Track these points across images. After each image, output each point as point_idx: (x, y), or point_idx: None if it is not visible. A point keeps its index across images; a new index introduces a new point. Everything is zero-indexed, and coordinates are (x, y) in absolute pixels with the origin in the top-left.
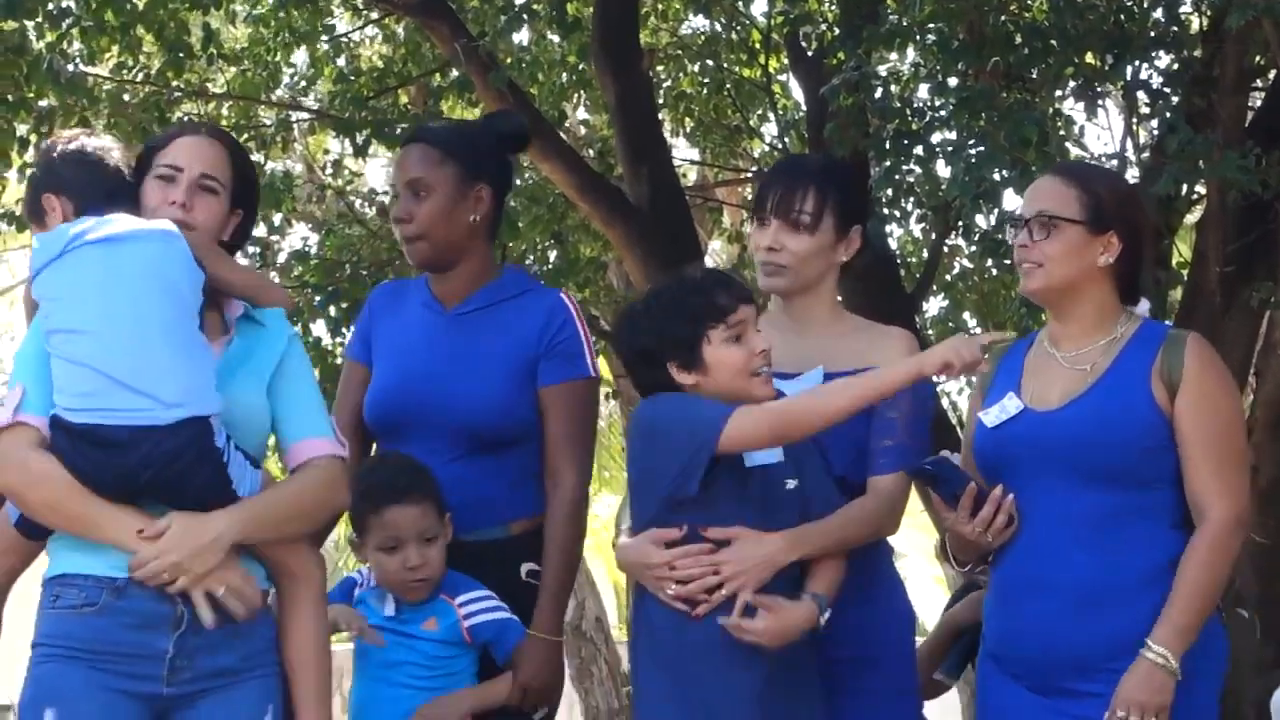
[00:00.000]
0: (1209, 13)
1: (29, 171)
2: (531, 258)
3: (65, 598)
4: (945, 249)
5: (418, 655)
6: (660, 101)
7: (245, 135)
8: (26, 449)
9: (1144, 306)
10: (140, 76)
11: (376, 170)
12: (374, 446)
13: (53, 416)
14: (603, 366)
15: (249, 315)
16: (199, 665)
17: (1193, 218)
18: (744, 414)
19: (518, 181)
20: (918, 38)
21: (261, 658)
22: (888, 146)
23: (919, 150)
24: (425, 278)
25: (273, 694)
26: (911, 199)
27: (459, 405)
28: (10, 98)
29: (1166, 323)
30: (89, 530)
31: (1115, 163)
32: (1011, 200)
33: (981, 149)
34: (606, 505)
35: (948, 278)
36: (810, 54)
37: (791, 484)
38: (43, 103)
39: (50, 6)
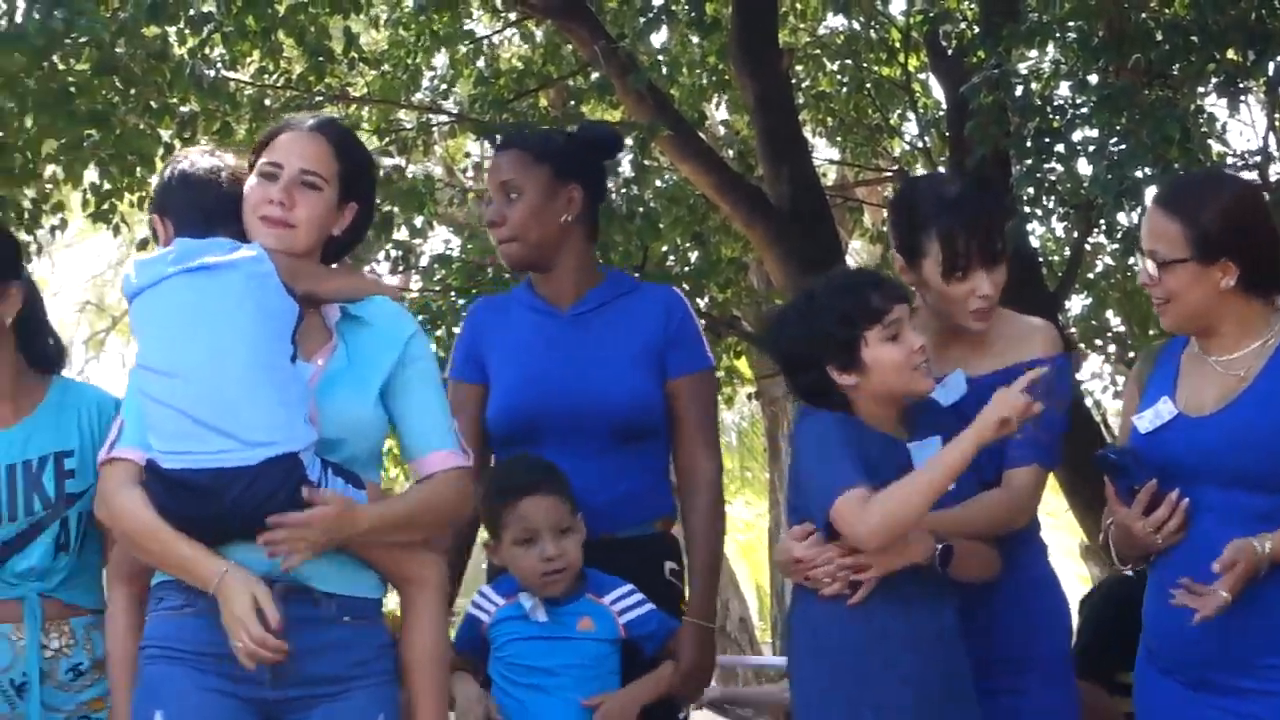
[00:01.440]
0: None
1: None
2: (673, 258)
3: (167, 600)
4: (1087, 247)
5: (580, 657)
6: (799, 101)
7: (386, 138)
8: (119, 485)
9: None
10: (281, 81)
11: None
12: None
13: (148, 460)
14: (743, 367)
15: (348, 314)
16: (302, 670)
17: None
18: (848, 502)
19: (658, 183)
20: (1058, 35)
21: (372, 665)
22: (1029, 145)
23: (1060, 148)
24: (526, 285)
25: (384, 702)
26: (1053, 197)
27: (592, 399)
28: (153, 103)
29: None
30: (174, 570)
31: (1259, 159)
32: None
33: (1123, 147)
34: (747, 506)
35: (1090, 276)
36: (950, 52)
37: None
38: (185, 108)
39: (192, 12)
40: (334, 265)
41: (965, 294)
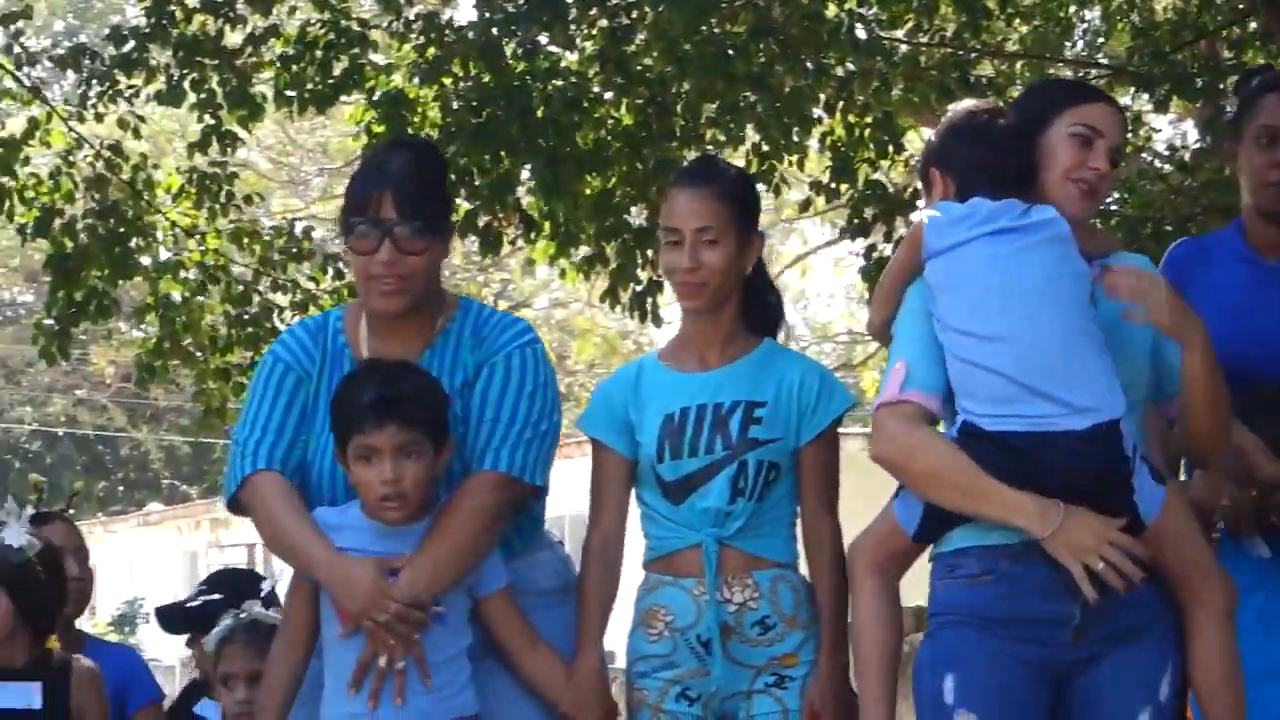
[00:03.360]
0: None
1: (828, 140)
2: None
3: (962, 568)
4: None
5: None
6: None
7: None
8: (910, 423)
9: None
10: (936, 39)
11: (1167, 127)
12: None
13: (963, 422)
14: None
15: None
16: (1107, 625)
17: None
18: None
19: None
20: None
21: (1163, 613)
22: None
23: None
24: (1236, 229)
25: (1171, 651)
26: None
27: None
28: (809, 65)
29: None
30: (976, 503)
31: None
32: None
33: None
34: None
35: None
36: None
37: None
38: (840, 69)
39: None
40: None
41: None
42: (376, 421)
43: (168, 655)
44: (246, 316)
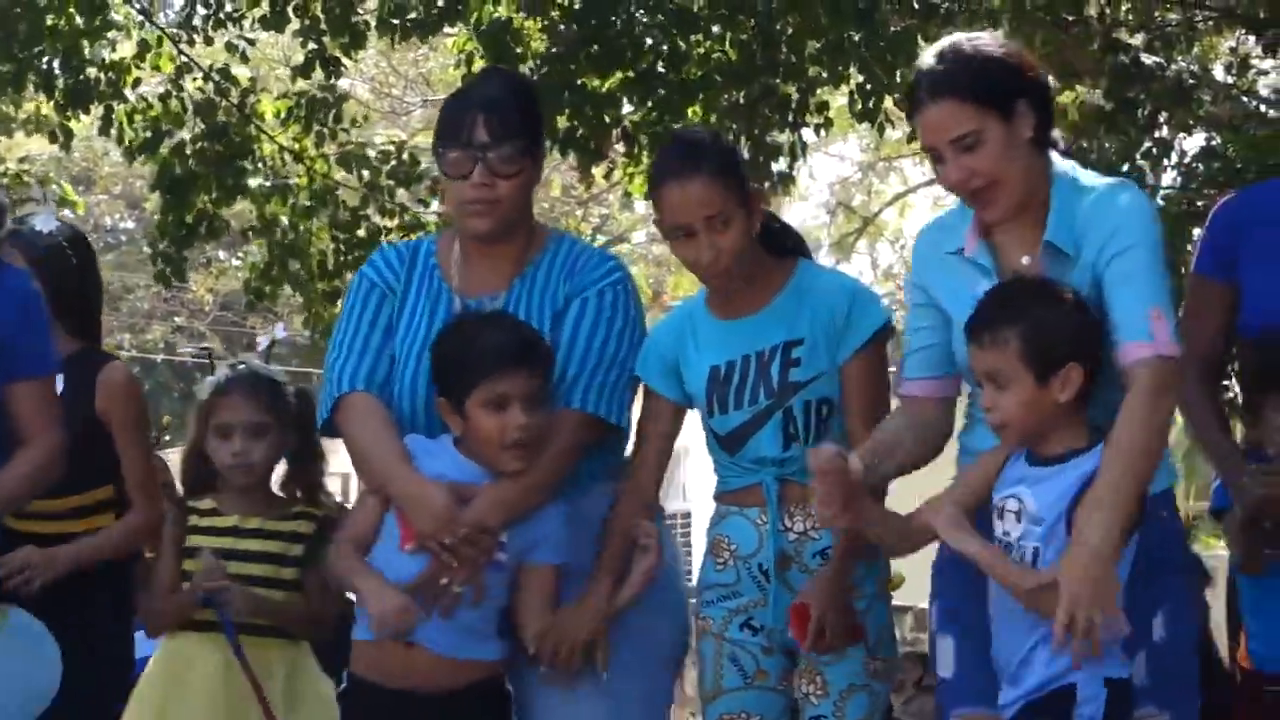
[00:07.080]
0: None
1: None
2: None
3: None
4: None
5: None
6: None
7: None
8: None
9: None
10: None
11: (1275, 73)
12: None
13: None
14: None
15: None
16: None
17: None
18: None
19: None
20: None
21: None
22: None
23: None
24: None
25: (1169, 599)
26: None
27: None
28: (915, 3)
29: None
30: None
31: None
32: None
33: None
34: None
35: None
36: None
37: None
38: (945, 8)
39: None
40: None
41: None
42: (514, 367)
43: None
44: (354, 241)
